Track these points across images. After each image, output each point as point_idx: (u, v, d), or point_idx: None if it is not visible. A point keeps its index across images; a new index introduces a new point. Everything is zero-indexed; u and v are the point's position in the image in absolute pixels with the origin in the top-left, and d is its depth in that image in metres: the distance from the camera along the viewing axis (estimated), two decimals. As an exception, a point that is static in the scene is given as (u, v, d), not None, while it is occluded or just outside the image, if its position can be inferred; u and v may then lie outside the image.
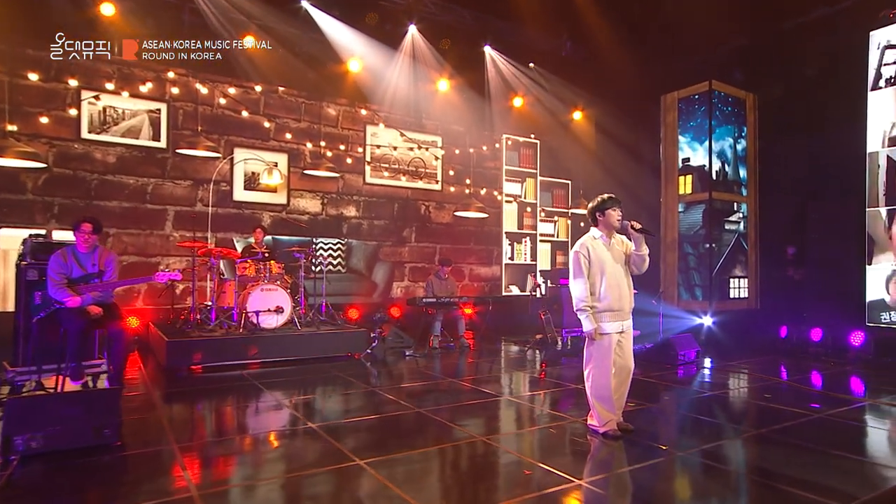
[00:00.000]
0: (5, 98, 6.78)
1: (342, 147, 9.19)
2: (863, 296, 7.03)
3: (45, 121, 7.06)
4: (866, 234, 7.03)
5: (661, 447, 3.63)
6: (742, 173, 8.67)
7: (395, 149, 9.68)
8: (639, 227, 3.71)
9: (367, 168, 9.46)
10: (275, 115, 8.67)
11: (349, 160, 9.25)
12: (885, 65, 6.97)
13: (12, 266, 5.50)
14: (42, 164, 6.86)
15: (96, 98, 7.31)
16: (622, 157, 9.83)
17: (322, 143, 8.98)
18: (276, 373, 5.95)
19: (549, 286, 9.02)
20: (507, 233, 10.84)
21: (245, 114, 8.38)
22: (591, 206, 3.87)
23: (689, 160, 8.55)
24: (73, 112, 7.22)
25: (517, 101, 10.19)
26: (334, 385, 5.52)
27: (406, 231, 9.83)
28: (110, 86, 7.39)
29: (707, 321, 7.99)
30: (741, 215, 8.60)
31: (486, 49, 9.41)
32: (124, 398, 4.56)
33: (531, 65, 9.89)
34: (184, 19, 7.46)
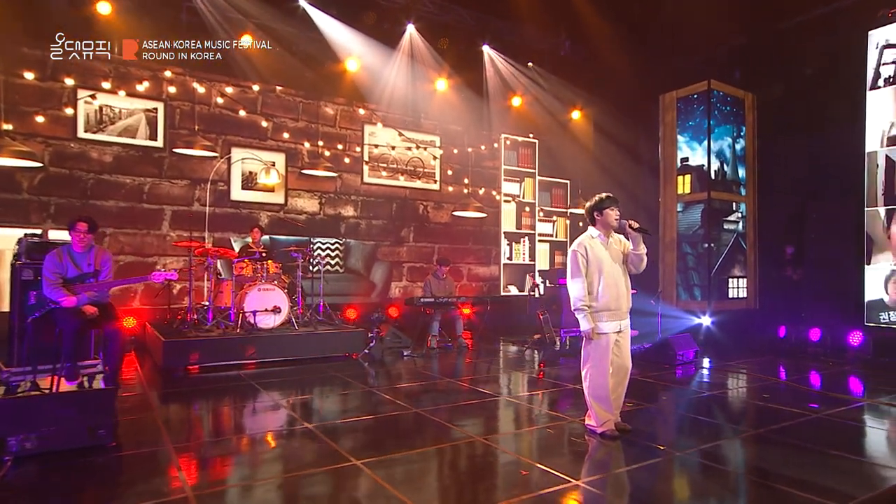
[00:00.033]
0: (1, 97, 6.75)
1: (340, 146, 9.16)
2: (861, 296, 7.02)
3: (41, 120, 7.04)
4: (865, 233, 7.02)
5: (659, 447, 3.62)
6: (741, 173, 8.66)
7: (393, 148, 9.66)
8: (636, 226, 3.71)
9: (365, 168, 9.44)
10: (272, 115, 8.65)
11: (347, 160, 9.23)
12: (883, 64, 6.96)
13: (7, 266, 5.46)
14: (38, 164, 6.84)
15: (92, 97, 7.27)
16: (621, 157, 9.82)
17: (320, 143, 8.96)
18: (274, 373, 5.93)
19: (547, 286, 9.00)
20: (505, 232, 10.82)
21: (242, 113, 8.35)
22: (588, 205, 3.85)
23: (687, 160, 8.53)
24: (69, 111, 7.20)
25: (516, 101, 10.17)
26: (332, 385, 5.50)
27: (404, 231, 9.81)
28: (107, 85, 7.37)
29: (706, 321, 7.98)
30: (740, 215, 8.58)
31: (485, 48, 9.40)
32: (120, 399, 4.54)
33: (530, 64, 9.87)
34: (181, 18, 7.44)
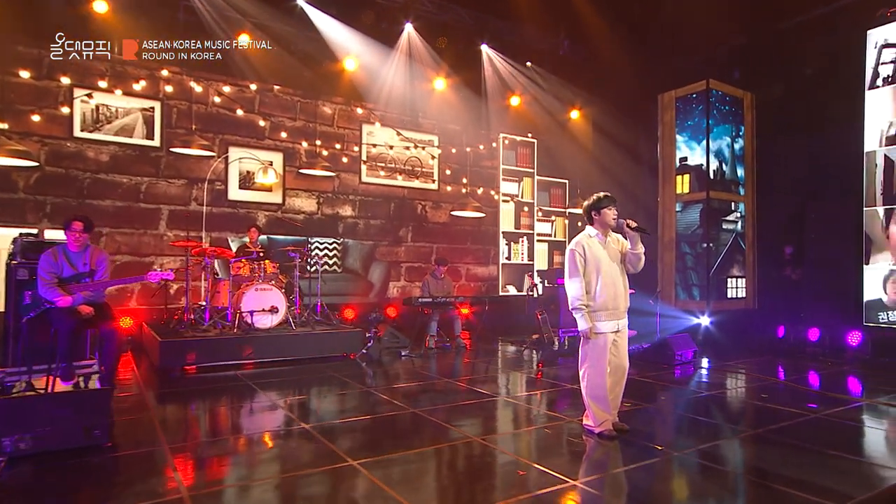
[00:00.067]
0: (-4, 96, 6.75)
1: (338, 146, 9.14)
2: (860, 295, 7.01)
3: (36, 119, 7.00)
4: (864, 233, 7.01)
5: (657, 447, 3.60)
6: (740, 172, 8.64)
7: (391, 148, 9.64)
8: (634, 225, 3.70)
9: (363, 167, 9.42)
10: (270, 114, 8.62)
11: (345, 159, 9.21)
12: (882, 64, 6.95)
13: (2, 265, 5.44)
14: (34, 163, 6.81)
15: (89, 96, 7.23)
16: (620, 157, 9.80)
17: (318, 142, 8.93)
18: (271, 373, 5.91)
19: (545, 286, 8.98)
20: (504, 232, 10.80)
21: (240, 112, 8.32)
22: (586, 204, 3.84)
23: (686, 159, 8.52)
24: (65, 110, 7.16)
25: (514, 101, 10.15)
26: (329, 385, 5.48)
27: (402, 231, 9.79)
28: (103, 84, 7.33)
29: (704, 321, 7.96)
30: (739, 215, 8.57)
31: (483, 48, 9.38)
32: (116, 399, 4.53)
33: (528, 64, 9.86)
34: (178, 17, 7.42)
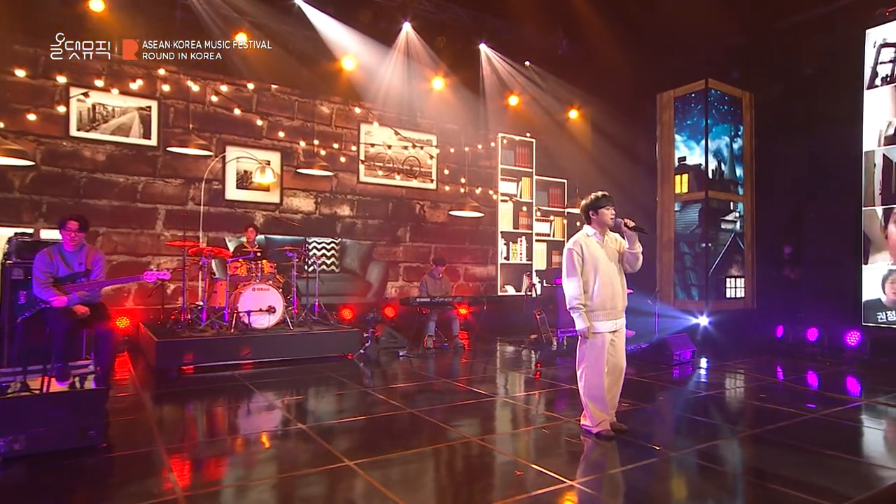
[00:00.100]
0: (-8, 95, 6.71)
1: (336, 145, 9.11)
2: (859, 295, 6.99)
3: (32, 118, 6.96)
4: (862, 233, 7.00)
5: (655, 448, 3.59)
6: (738, 172, 8.63)
7: (389, 147, 9.61)
8: (632, 224, 3.69)
9: (362, 167, 9.39)
10: (267, 113, 8.59)
11: (343, 159, 9.18)
12: (881, 63, 6.94)
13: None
14: (30, 162, 6.77)
15: (85, 95, 7.19)
16: (618, 156, 9.78)
17: (315, 142, 8.90)
18: (268, 373, 5.89)
19: (544, 286, 8.97)
20: (502, 232, 10.78)
21: (237, 112, 8.29)
22: (584, 203, 3.83)
23: (685, 159, 8.50)
24: (61, 109, 7.12)
25: (513, 100, 10.13)
26: (327, 386, 5.46)
27: (400, 230, 9.76)
28: (100, 83, 7.29)
29: (703, 321, 7.95)
30: (737, 214, 8.56)
31: (482, 47, 9.36)
32: (113, 400, 4.51)
33: (527, 63, 9.84)
34: (175, 16, 7.39)
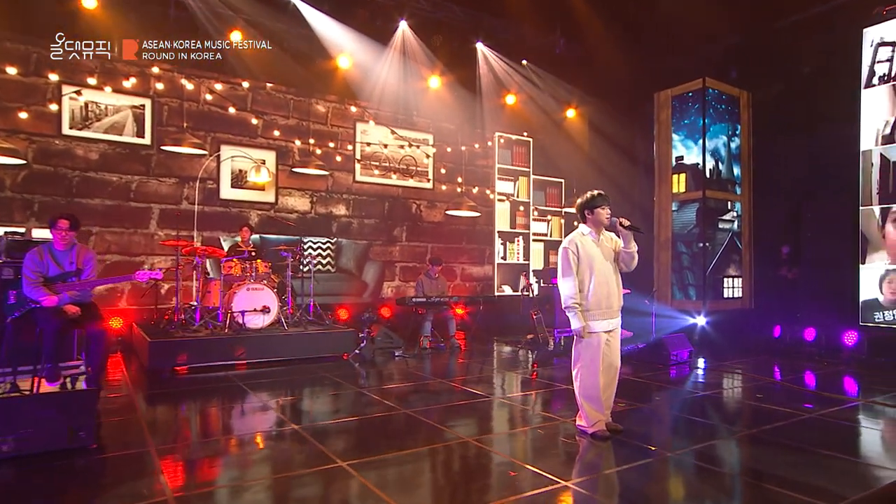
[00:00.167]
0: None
1: (331, 144, 9.06)
2: (856, 295, 6.97)
3: (24, 116, 6.90)
4: (860, 233, 6.98)
5: (651, 448, 3.55)
6: (736, 171, 8.61)
7: (385, 146, 9.57)
8: (627, 224, 3.67)
9: (357, 166, 9.35)
10: (262, 112, 8.54)
11: (339, 158, 9.13)
12: (878, 62, 6.92)
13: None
14: (21, 161, 6.71)
15: (78, 93, 7.14)
16: (616, 156, 9.76)
17: (311, 141, 8.86)
18: (263, 374, 5.84)
19: (541, 286, 8.93)
20: (499, 232, 10.74)
21: (232, 110, 8.24)
22: (579, 202, 3.79)
23: (682, 158, 8.48)
24: (53, 107, 7.06)
25: (510, 99, 10.10)
26: (322, 386, 5.41)
27: (397, 230, 9.72)
28: (92, 81, 7.24)
29: (700, 321, 7.93)
30: (735, 214, 8.54)
31: (479, 46, 9.32)
32: (104, 400, 4.47)
33: (524, 62, 9.80)
34: (169, 14, 7.33)
